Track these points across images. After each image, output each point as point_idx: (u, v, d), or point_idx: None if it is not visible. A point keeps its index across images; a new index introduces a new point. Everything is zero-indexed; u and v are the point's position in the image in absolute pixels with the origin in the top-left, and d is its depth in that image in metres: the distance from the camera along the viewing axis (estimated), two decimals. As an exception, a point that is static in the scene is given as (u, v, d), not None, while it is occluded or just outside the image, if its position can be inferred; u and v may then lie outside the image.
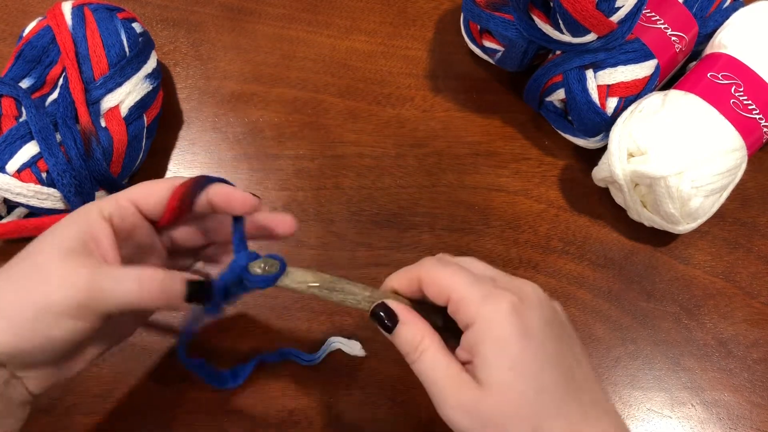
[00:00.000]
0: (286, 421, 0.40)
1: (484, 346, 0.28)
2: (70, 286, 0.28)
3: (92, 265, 0.28)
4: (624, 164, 0.43)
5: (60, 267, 0.28)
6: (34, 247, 0.29)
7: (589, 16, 0.40)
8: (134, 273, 0.29)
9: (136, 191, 0.31)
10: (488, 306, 0.29)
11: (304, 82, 0.51)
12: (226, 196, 0.31)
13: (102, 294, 0.28)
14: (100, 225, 0.30)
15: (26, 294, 0.28)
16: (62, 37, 0.41)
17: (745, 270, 0.47)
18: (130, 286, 0.28)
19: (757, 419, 0.43)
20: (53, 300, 0.27)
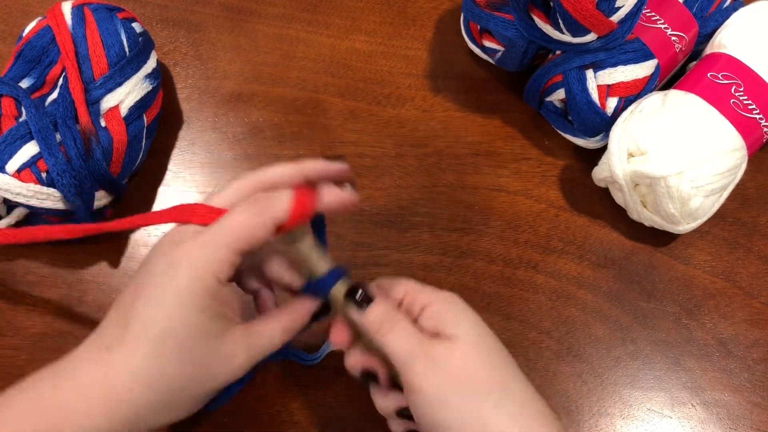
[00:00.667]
0: (286, 421, 0.40)
1: (448, 312, 0.32)
2: (235, 371, 0.30)
3: (244, 343, 0.31)
4: (624, 164, 0.43)
5: (218, 354, 0.30)
6: (171, 340, 0.28)
7: (589, 16, 0.40)
8: (278, 327, 0.32)
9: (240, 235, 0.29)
10: (441, 292, 0.33)
11: (304, 82, 0.51)
12: (338, 201, 0.32)
13: (258, 358, 0.31)
14: (226, 292, 0.30)
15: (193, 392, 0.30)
16: (62, 37, 0.41)
17: (745, 270, 0.47)
18: (278, 339, 0.32)
19: (757, 419, 0.43)
20: (221, 385, 0.30)
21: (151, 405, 0.28)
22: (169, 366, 0.28)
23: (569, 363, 0.43)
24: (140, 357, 0.28)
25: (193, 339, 0.28)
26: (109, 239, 0.44)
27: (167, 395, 0.29)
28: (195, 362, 0.29)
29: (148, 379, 0.28)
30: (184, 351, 0.28)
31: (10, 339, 0.41)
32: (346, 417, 0.41)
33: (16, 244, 0.38)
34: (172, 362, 0.28)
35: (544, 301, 0.45)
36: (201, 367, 0.29)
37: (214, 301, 0.29)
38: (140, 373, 0.28)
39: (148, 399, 0.28)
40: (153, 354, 0.28)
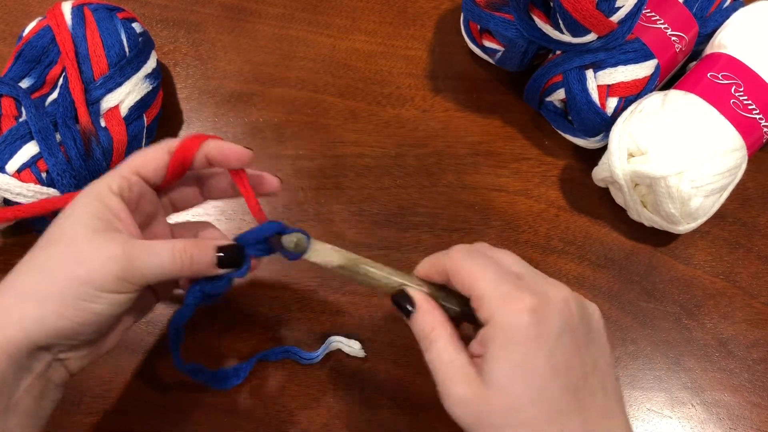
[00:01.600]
0: (286, 421, 0.40)
1: (493, 346, 0.28)
2: (107, 260, 0.29)
3: (123, 240, 0.30)
4: (624, 164, 0.43)
5: (93, 245, 0.29)
6: (57, 232, 0.30)
7: (589, 16, 0.40)
8: (167, 245, 0.31)
9: (137, 161, 0.33)
10: (505, 307, 0.28)
11: (304, 82, 0.51)
12: (222, 150, 0.33)
13: (139, 266, 0.30)
14: (115, 201, 0.31)
15: (65, 274, 0.29)
16: (62, 37, 0.41)
17: (745, 270, 0.47)
18: (165, 257, 0.30)
19: (757, 419, 0.43)
20: (93, 275, 0.29)
21: (41, 318, 0.28)
22: (49, 257, 0.30)
23: (569, 363, 0.43)
24: (20, 274, 0.29)
25: (71, 233, 0.30)
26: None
27: (59, 287, 0.29)
28: (71, 253, 0.29)
29: (30, 293, 0.29)
30: (62, 244, 0.30)
31: (10, 339, 0.41)
32: (346, 417, 0.41)
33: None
34: (51, 253, 0.30)
35: (544, 301, 0.45)
36: (74, 256, 0.29)
37: (100, 204, 0.31)
38: (19, 288, 0.29)
39: (36, 313, 0.28)
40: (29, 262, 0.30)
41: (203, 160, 0.33)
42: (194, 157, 0.33)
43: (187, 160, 0.33)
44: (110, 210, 0.31)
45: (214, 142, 0.33)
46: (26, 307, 0.28)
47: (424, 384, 0.42)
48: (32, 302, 0.28)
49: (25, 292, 0.29)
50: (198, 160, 0.33)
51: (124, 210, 0.31)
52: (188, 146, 0.33)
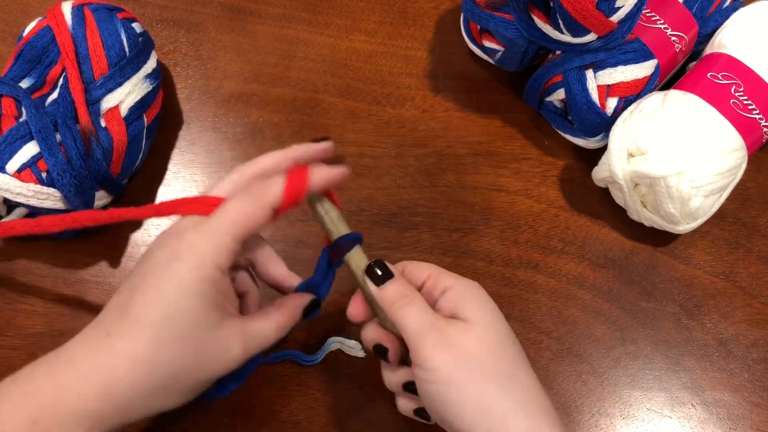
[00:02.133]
0: (286, 421, 0.40)
1: (466, 298, 0.33)
2: (231, 362, 0.31)
3: (241, 334, 0.31)
4: (624, 164, 0.43)
5: (217, 345, 0.30)
6: (175, 325, 0.29)
7: (589, 16, 0.40)
8: (271, 323, 0.33)
9: (239, 226, 0.30)
10: (462, 278, 0.34)
11: (304, 82, 0.51)
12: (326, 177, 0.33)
13: (252, 352, 0.32)
14: (226, 283, 0.31)
15: (186, 377, 0.30)
16: (62, 37, 0.41)
17: (745, 270, 0.47)
18: (272, 337, 0.33)
19: (757, 419, 0.43)
20: (215, 376, 0.31)
21: (146, 390, 0.29)
22: (167, 352, 0.28)
23: (569, 363, 0.43)
24: (139, 341, 0.28)
25: (192, 326, 0.29)
26: (109, 240, 0.44)
27: (163, 381, 0.29)
28: (192, 350, 0.29)
29: (145, 363, 0.28)
30: (183, 338, 0.29)
31: (10, 339, 0.41)
32: (346, 417, 0.41)
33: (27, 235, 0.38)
34: (170, 348, 0.29)
35: (544, 301, 0.45)
36: (198, 355, 0.29)
37: (214, 289, 0.29)
38: (138, 358, 0.28)
39: (144, 384, 0.28)
40: (152, 339, 0.28)
41: (318, 190, 0.33)
42: (305, 196, 0.32)
43: (298, 202, 0.32)
44: (223, 294, 0.30)
45: (317, 171, 0.32)
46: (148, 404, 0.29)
47: (424, 384, 0.42)
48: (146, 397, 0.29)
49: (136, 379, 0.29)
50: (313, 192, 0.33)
51: (229, 286, 0.32)
52: (296, 191, 0.31)
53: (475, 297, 0.33)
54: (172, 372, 0.29)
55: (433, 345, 0.30)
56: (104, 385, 0.28)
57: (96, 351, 0.29)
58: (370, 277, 0.33)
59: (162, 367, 0.29)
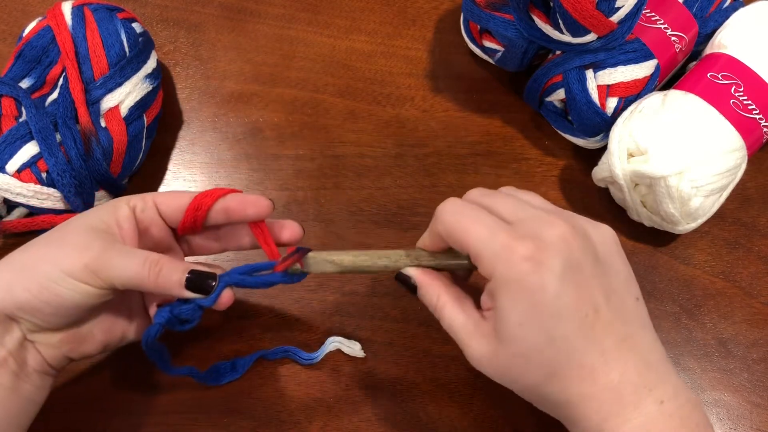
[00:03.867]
0: (286, 421, 0.40)
1: (499, 300, 0.29)
2: (83, 250, 0.30)
3: (107, 239, 0.31)
4: (624, 164, 0.43)
5: (78, 237, 0.31)
6: (65, 223, 0.33)
7: (589, 16, 0.40)
8: (142, 253, 0.32)
9: (161, 196, 0.35)
10: (502, 261, 0.29)
11: (304, 82, 0.51)
12: (241, 202, 0.34)
13: (109, 263, 0.31)
14: (124, 212, 0.33)
15: (43, 256, 0.31)
16: (62, 37, 0.41)
17: (745, 270, 0.47)
18: (136, 263, 0.31)
19: (757, 419, 0.43)
20: (65, 260, 0.30)
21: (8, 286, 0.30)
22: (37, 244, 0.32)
23: (569, 363, 0.43)
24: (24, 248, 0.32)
25: (73, 224, 0.32)
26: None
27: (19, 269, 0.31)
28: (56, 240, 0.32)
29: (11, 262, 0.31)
30: (56, 233, 0.32)
31: (10, 339, 0.41)
32: (346, 417, 0.41)
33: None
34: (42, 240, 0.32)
35: (544, 301, 0.45)
36: (56, 248, 0.31)
37: (109, 209, 0.33)
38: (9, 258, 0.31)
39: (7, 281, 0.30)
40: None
41: (221, 214, 0.34)
42: (206, 215, 0.34)
43: (199, 217, 0.34)
44: (115, 217, 0.33)
45: (232, 196, 0.34)
46: (3, 274, 0.30)
47: (423, 383, 0.42)
48: (8, 271, 0.31)
49: (9, 261, 0.31)
50: (214, 214, 0.34)
51: (129, 221, 0.33)
52: (200, 204, 0.34)
53: (508, 298, 0.29)
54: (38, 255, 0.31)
55: (473, 357, 0.31)
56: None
57: None
58: (405, 288, 0.34)
59: (34, 246, 0.32)
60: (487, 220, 0.30)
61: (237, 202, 0.34)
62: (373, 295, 0.44)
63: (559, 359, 0.29)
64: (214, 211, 0.34)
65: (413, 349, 0.43)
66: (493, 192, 0.34)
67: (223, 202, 0.34)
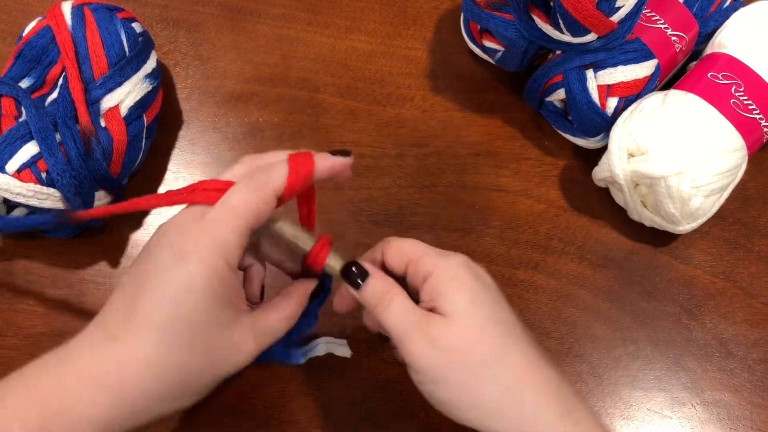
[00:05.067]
0: (286, 421, 0.40)
1: (445, 286, 0.31)
2: (244, 358, 0.30)
3: (254, 331, 0.31)
4: (624, 164, 0.43)
5: (228, 344, 0.30)
6: (186, 321, 0.28)
7: (589, 16, 0.40)
8: (283, 317, 0.32)
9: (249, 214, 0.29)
10: (445, 259, 0.32)
11: (304, 82, 0.51)
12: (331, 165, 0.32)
13: (264, 347, 0.31)
14: (235, 279, 0.30)
15: (200, 379, 0.29)
16: (62, 37, 0.41)
17: (745, 270, 0.47)
18: (283, 329, 0.32)
19: (757, 419, 0.43)
20: (226, 373, 0.30)
21: (157, 394, 0.28)
22: (178, 354, 0.28)
23: (569, 363, 0.43)
24: (149, 347, 0.27)
25: (203, 328, 0.28)
26: (109, 240, 0.44)
27: (175, 384, 0.28)
28: (204, 351, 0.29)
29: (156, 368, 0.28)
30: (194, 340, 0.28)
31: (10, 339, 0.41)
32: (346, 417, 0.41)
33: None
34: (181, 351, 0.28)
35: (544, 301, 0.45)
36: (210, 356, 0.29)
37: (224, 287, 0.28)
38: (149, 363, 0.27)
39: (155, 388, 0.28)
40: (162, 343, 0.27)
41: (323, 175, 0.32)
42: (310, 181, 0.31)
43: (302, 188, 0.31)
44: (232, 290, 0.29)
45: (321, 158, 0.31)
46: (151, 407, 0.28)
47: (424, 384, 0.42)
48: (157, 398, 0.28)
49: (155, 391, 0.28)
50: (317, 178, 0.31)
51: (239, 283, 0.31)
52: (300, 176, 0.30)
53: (454, 282, 0.31)
54: (183, 375, 0.28)
55: (418, 346, 0.30)
56: (116, 391, 0.27)
57: (104, 356, 0.28)
58: (346, 280, 0.32)
59: (173, 370, 0.28)
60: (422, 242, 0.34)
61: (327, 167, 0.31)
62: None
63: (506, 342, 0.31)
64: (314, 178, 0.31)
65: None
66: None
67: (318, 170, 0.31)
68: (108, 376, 0.27)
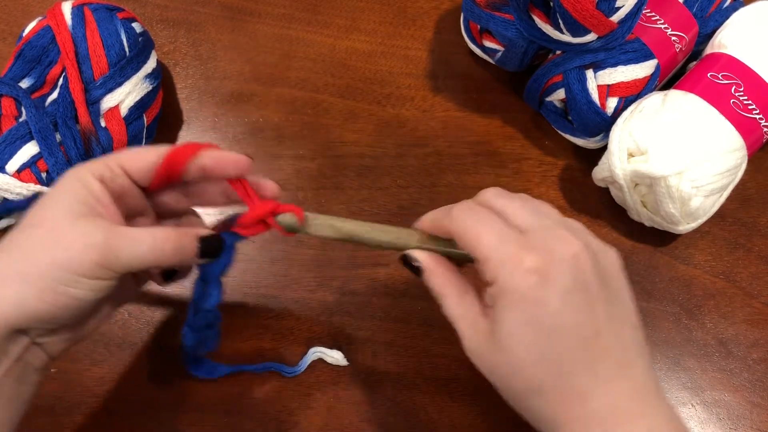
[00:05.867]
0: (286, 421, 0.40)
1: (498, 306, 0.29)
2: (88, 246, 0.29)
3: (105, 226, 0.29)
4: (624, 164, 0.43)
5: (75, 229, 0.29)
6: (39, 215, 0.30)
7: (589, 16, 0.40)
8: (148, 232, 0.30)
9: (123, 156, 0.32)
10: (507, 270, 0.28)
11: (304, 82, 0.51)
12: (218, 160, 0.32)
13: (119, 252, 0.29)
14: (97, 186, 0.30)
15: (45, 258, 0.28)
16: (62, 37, 0.41)
17: (745, 270, 0.47)
18: (146, 246, 0.30)
19: (757, 419, 0.43)
20: (73, 260, 0.28)
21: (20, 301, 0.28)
22: (32, 237, 0.29)
23: (569, 363, 0.43)
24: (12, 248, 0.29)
25: (55, 215, 0.29)
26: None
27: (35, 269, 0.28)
28: (49, 232, 0.29)
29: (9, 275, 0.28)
30: (44, 224, 0.29)
31: (10, 339, 0.41)
32: (346, 417, 0.41)
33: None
34: (34, 234, 0.29)
35: (544, 301, 0.45)
36: (58, 239, 0.29)
37: (83, 188, 0.30)
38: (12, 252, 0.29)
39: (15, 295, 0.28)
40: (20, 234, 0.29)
41: (197, 171, 0.32)
42: (185, 168, 0.31)
43: (177, 170, 0.31)
44: (93, 195, 0.30)
45: (210, 151, 0.32)
46: (4, 289, 0.28)
47: (423, 384, 0.42)
48: (11, 284, 0.28)
49: (4, 274, 0.28)
50: (191, 170, 0.32)
51: (106, 196, 0.31)
52: (179, 155, 0.31)
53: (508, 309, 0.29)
54: (41, 260, 0.28)
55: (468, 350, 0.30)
56: None
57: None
58: (409, 270, 0.33)
59: (27, 252, 0.29)
60: (499, 227, 0.30)
61: (215, 161, 0.32)
62: (373, 295, 0.44)
63: (547, 378, 0.28)
64: (190, 167, 0.31)
65: (413, 349, 0.43)
66: (508, 195, 0.33)
67: (200, 160, 0.31)
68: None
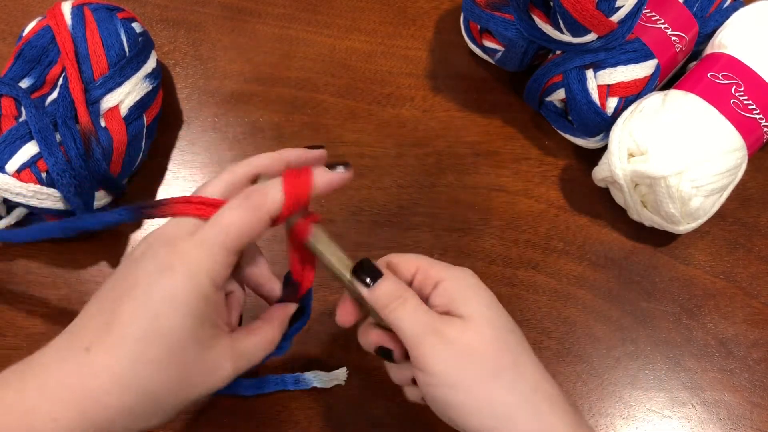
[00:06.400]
0: (287, 421, 0.40)
1: (462, 291, 0.31)
2: (219, 382, 0.29)
3: (233, 355, 0.29)
4: (624, 164, 0.43)
5: (206, 364, 0.28)
6: (154, 324, 0.27)
7: (589, 16, 0.40)
8: (262, 346, 0.31)
9: (239, 234, 0.28)
10: (455, 268, 0.33)
11: (304, 82, 0.51)
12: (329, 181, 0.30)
13: (241, 370, 0.30)
14: (220, 298, 0.29)
15: (174, 398, 0.28)
16: (62, 37, 0.41)
17: (745, 270, 0.47)
18: (262, 353, 0.31)
19: (757, 419, 0.43)
20: (202, 395, 0.29)
21: (128, 410, 0.27)
22: (152, 370, 0.27)
23: (569, 363, 0.43)
24: (123, 359, 0.26)
25: (181, 345, 0.27)
26: (109, 240, 0.44)
27: (147, 400, 0.27)
28: (179, 369, 0.27)
29: (128, 383, 0.26)
30: (171, 357, 0.27)
31: (11, 339, 0.41)
32: (346, 417, 0.41)
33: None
34: (155, 366, 0.27)
35: (544, 301, 0.45)
36: (185, 375, 0.28)
37: (207, 306, 0.28)
38: (121, 377, 0.26)
39: (126, 403, 0.26)
40: (137, 357, 0.26)
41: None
42: (308, 199, 0.30)
43: (300, 206, 0.30)
44: (215, 310, 0.28)
45: (318, 174, 0.30)
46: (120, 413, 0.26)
47: (424, 384, 0.42)
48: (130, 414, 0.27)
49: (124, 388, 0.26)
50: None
51: (223, 303, 0.30)
52: (296, 198, 0.29)
53: (469, 288, 0.32)
54: (156, 392, 0.27)
55: (433, 348, 0.29)
56: (81, 406, 0.26)
57: (73, 368, 0.26)
58: (357, 278, 0.31)
59: (146, 387, 0.27)
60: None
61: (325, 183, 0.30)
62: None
63: (520, 349, 0.31)
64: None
65: (413, 349, 0.43)
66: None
67: (316, 187, 0.30)
68: (74, 390, 0.26)
